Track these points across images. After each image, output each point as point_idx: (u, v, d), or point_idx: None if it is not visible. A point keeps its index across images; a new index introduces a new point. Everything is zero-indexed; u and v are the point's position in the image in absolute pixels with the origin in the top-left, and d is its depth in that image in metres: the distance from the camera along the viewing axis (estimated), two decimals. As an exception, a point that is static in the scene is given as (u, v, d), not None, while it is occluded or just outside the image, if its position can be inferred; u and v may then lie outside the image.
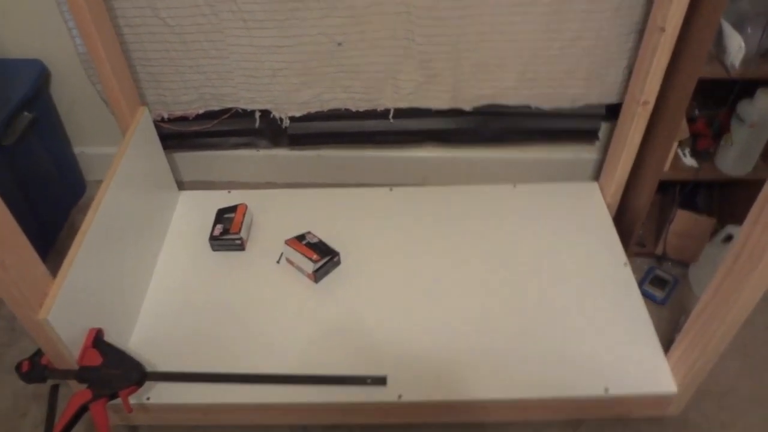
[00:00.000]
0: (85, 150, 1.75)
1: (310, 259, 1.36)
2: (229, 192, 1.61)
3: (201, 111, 1.60)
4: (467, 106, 1.56)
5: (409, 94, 1.54)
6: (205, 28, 1.42)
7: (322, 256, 1.38)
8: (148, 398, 1.16)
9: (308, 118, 1.60)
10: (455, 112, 1.58)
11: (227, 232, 1.44)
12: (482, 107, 1.56)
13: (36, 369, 1.07)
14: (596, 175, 1.69)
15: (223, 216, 1.49)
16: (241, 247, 1.45)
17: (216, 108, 1.60)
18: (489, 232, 1.49)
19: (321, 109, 1.59)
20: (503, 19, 1.39)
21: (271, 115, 1.60)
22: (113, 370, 1.07)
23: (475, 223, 1.51)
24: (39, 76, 1.51)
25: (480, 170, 1.74)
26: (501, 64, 1.47)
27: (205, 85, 1.53)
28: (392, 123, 1.61)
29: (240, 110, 1.60)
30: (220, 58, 1.48)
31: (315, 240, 1.42)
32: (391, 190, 1.61)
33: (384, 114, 1.59)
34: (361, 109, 1.58)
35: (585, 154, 1.70)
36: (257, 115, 1.60)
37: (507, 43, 1.43)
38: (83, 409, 1.05)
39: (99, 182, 1.26)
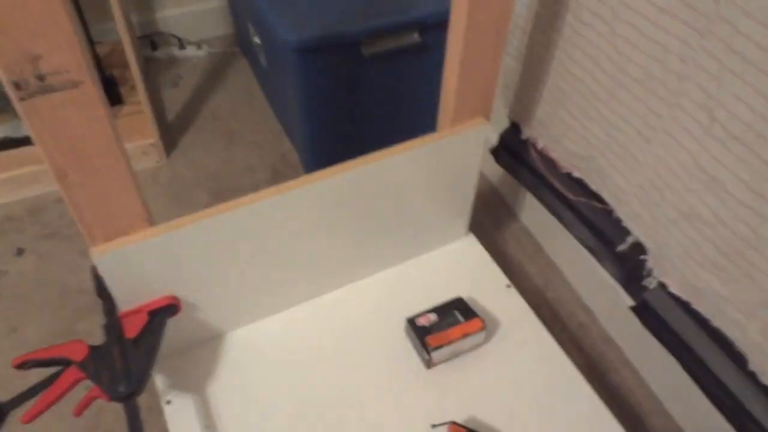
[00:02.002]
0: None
1: None
2: (508, 287, 1.07)
3: (575, 174, 1.06)
4: None
5: None
6: (639, 121, 0.84)
7: None
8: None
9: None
10: None
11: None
12: None
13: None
14: None
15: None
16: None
17: (591, 187, 1.04)
18: None
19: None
20: None
21: (643, 249, 0.96)
22: (114, 360, 0.78)
23: None
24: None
25: None
26: None
27: (601, 157, 0.97)
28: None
29: (614, 215, 1.00)
30: (637, 152, 0.89)
31: None
32: None
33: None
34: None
35: None
36: (628, 239, 0.98)
37: None
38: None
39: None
